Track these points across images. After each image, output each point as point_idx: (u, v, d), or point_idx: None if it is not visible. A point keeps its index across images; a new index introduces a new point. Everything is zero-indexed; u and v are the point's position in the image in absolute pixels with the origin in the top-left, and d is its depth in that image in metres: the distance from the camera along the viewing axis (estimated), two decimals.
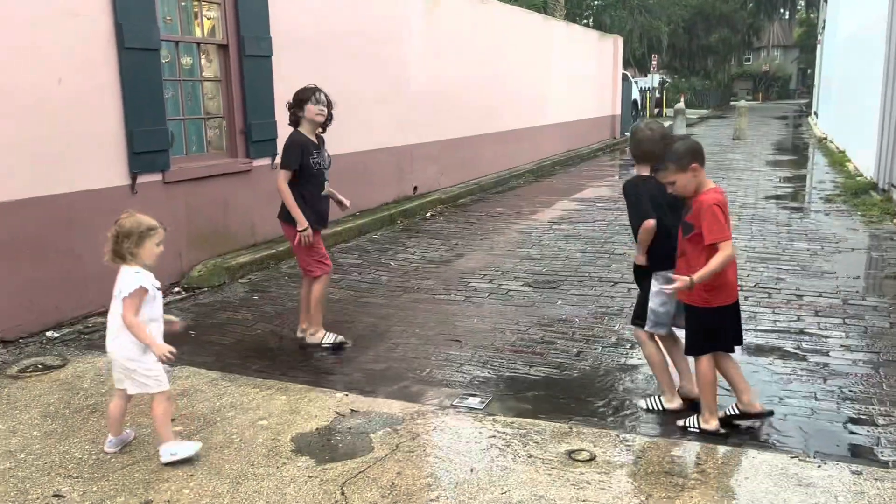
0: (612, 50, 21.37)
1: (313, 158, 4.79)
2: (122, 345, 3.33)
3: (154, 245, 3.37)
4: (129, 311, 3.25)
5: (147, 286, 3.30)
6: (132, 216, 3.36)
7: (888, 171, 10.30)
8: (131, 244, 3.30)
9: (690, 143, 3.56)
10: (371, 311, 5.75)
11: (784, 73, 58.85)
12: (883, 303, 5.62)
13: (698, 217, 3.41)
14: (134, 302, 3.26)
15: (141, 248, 3.32)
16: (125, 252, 3.29)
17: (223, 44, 6.96)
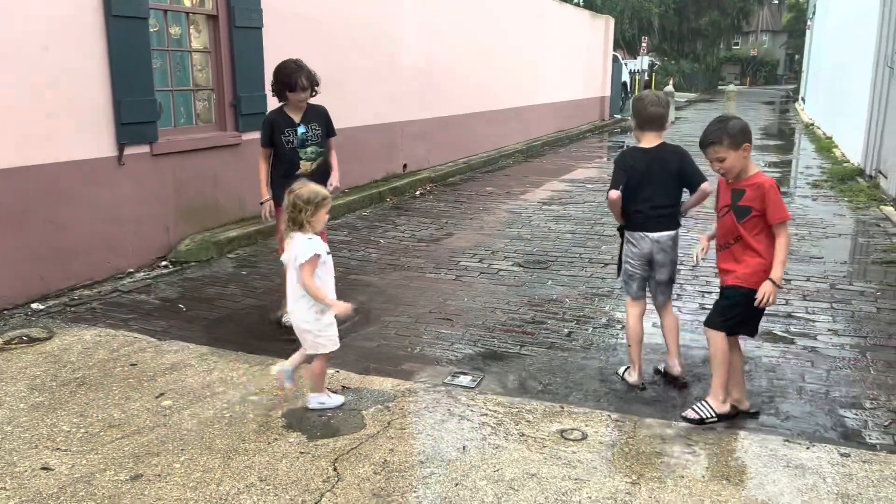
0: (603, 30, 21.26)
1: (285, 137, 4.71)
2: (300, 309, 3.53)
3: (325, 214, 3.55)
4: (307, 276, 3.44)
5: (320, 252, 3.48)
6: (306, 185, 3.54)
7: (875, 157, 10.37)
8: (308, 213, 3.46)
9: (743, 122, 3.50)
10: (361, 288, 5.72)
11: (772, 58, 58.94)
12: (870, 287, 5.67)
13: (760, 199, 3.37)
14: (310, 267, 3.44)
15: (315, 217, 3.49)
16: (303, 220, 3.45)
17: (213, 14, 6.83)
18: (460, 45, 11.93)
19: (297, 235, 3.49)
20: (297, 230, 3.49)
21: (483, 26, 12.84)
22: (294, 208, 3.46)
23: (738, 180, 3.49)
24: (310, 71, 4.69)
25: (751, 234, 3.43)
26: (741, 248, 3.47)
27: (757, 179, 3.45)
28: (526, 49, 15.27)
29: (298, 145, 4.75)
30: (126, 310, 5.18)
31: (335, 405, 3.67)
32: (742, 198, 3.44)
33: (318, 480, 3.03)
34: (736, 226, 3.46)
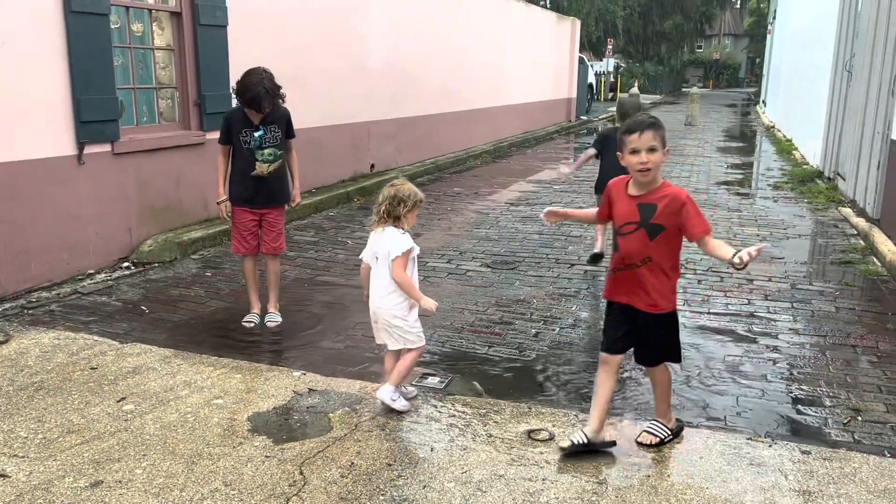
0: (570, 32, 21.43)
1: (242, 137, 4.67)
2: (391, 303, 3.53)
3: (415, 215, 3.61)
4: (400, 269, 3.46)
5: (414, 246, 3.52)
6: (406, 183, 3.58)
7: (833, 160, 10.61)
8: (406, 208, 3.51)
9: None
10: (328, 290, 5.68)
11: (734, 62, 60.01)
12: (829, 287, 5.79)
13: (676, 213, 3.04)
14: (404, 260, 3.47)
15: (411, 214, 3.55)
16: (401, 213, 3.50)
17: (176, 11, 6.72)
18: (428, 45, 11.91)
19: (391, 230, 3.51)
20: (390, 224, 3.51)
21: (451, 27, 12.84)
22: (394, 201, 3.49)
23: (647, 190, 3.11)
24: (274, 91, 4.59)
25: (662, 253, 3.10)
26: (650, 270, 3.11)
27: (669, 191, 3.08)
28: (494, 50, 15.31)
29: (256, 147, 4.69)
30: (86, 312, 5.07)
31: (402, 408, 3.60)
32: (654, 214, 3.06)
33: (284, 485, 2.99)
34: (648, 245, 3.09)
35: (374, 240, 3.59)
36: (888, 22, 7.83)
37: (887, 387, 4.00)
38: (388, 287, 3.53)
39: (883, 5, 8.16)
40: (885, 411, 3.72)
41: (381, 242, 3.53)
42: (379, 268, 3.55)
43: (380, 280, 3.56)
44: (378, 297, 3.58)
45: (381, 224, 3.54)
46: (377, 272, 3.57)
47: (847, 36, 10.48)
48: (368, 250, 3.62)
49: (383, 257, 3.52)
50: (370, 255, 3.60)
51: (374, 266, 3.58)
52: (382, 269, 3.53)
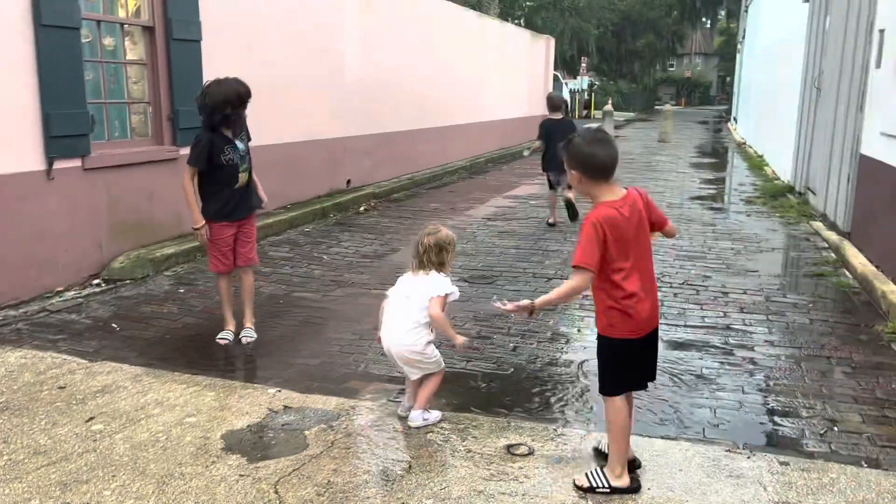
0: (544, 50, 21.64)
1: (225, 156, 4.57)
2: (413, 340, 3.54)
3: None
4: (438, 307, 3.50)
5: (455, 290, 3.59)
6: (442, 230, 3.65)
7: (804, 175, 10.78)
8: (448, 255, 3.62)
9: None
10: (304, 305, 5.61)
11: (705, 80, 61.02)
12: (802, 300, 5.85)
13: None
14: (444, 301, 3.53)
15: (452, 257, 3.67)
16: (445, 260, 3.60)
17: (149, 25, 6.66)
18: (404, 61, 11.94)
19: (435, 274, 3.56)
20: (433, 269, 3.56)
21: (427, 44, 12.90)
22: (437, 249, 3.56)
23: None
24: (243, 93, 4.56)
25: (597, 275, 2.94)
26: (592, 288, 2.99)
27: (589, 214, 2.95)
28: (469, 67, 15.40)
29: (239, 161, 4.63)
30: (55, 330, 4.95)
31: (435, 420, 3.65)
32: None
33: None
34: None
35: (409, 281, 3.61)
36: (855, 39, 8.01)
37: (862, 397, 4.03)
38: (412, 324, 3.54)
39: (850, 23, 8.35)
40: (861, 422, 3.74)
41: (420, 284, 3.55)
42: (408, 304, 3.56)
43: (406, 317, 3.55)
44: (398, 335, 3.56)
45: (424, 269, 3.58)
46: (403, 308, 3.57)
47: (815, 53, 10.70)
48: (398, 290, 3.63)
49: (417, 297, 3.54)
50: (401, 295, 3.61)
51: (401, 302, 3.59)
52: (413, 306, 3.54)
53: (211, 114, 4.51)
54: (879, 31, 6.89)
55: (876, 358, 4.62)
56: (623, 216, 2.91)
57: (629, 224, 2.93)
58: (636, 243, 2.96)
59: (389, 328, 3.61)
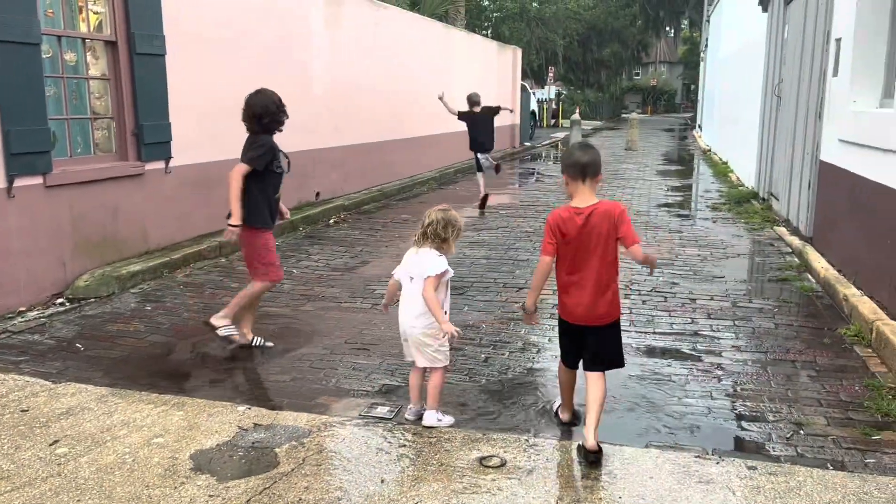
0: (511, 61, 21.80)
1: (278, 162, 4.85)
2: (425, 323, 3.62)
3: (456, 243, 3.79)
4: (430, 288, 3.55)
5: (449, 269, 3.64)
6: (452, 210, 3.74)
7: (767, 181, 10.99)
8: (453, 234, 3.67)
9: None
10: (274, 320, 5.56)
11: (670, 88, 61.96)
12: (768, 304, 5.95)
13: None
14: (437, 281, 3.58)
15: (455, 240, 3.73)
16: (448, 236, 3.65)
17: (111, 40, 6.58)
18: (372, 73, 11.95)
19: (429, 251, 3.64)
20: (431, 245, 3.65)
21: (394, 55, 12.92)
22: (444, 223, 3.64)
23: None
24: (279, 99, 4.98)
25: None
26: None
27: None
28: (438, 78, 15.43)
29: (285, 169, 4.93)
30: (16, 351, 4.84)
31: (448, 424, 3.74)
32: None
33: None
34: None
35: (410, 260, 3.71)
36: (813, 48, 8.20)
37: (826, 400, 4.10)
38: (422, 307, 3.61)
39: (808, 33, 8.55)
40: (826, 424, 3.81)
41: (418, 262, 3.65)
42: (414, 287, 3.66)
43: (414, 300, 3.65)
44: (412, 317, 3.68)
45: (423, 244, 3.67)
46: (412, 292, 3.67)
47: (775, 62, 10.93)
48: (403, 269, 3.74)
49: (418, 277, 3.63)
50: (404, 274, 3.73)
51: (409, 285, 3.70)
52: (418, 288, 3.63)
53: (260, 118, 4.75)
54: (836, 41, 7.07)
55: (839, 360, 4.71)
56: (576, 220, 3.38)
57: (582, 229, 3.38)
58: (585, 246, 3.40)
59: (405, 312, 3.72)
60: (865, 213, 5.96)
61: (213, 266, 7.16)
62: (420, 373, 3.84)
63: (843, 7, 6.87)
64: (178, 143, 7.30)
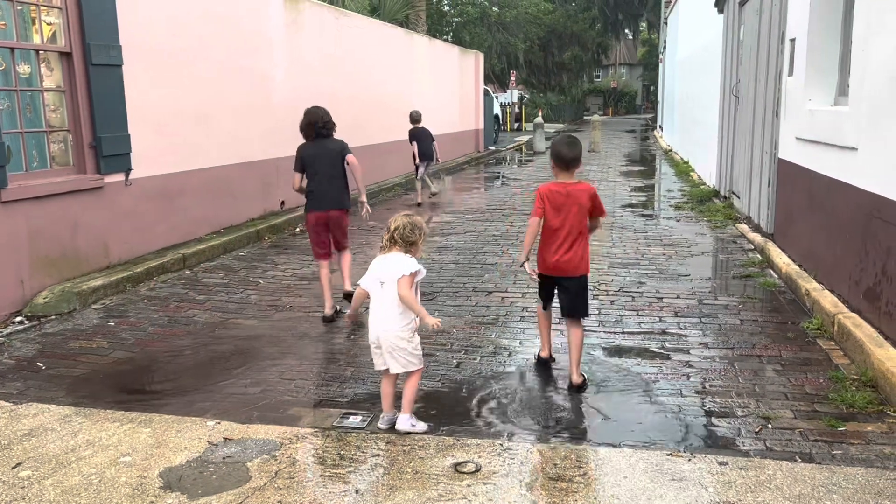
0: (474, 65, 21.88)
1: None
2: (399, 327, 3.68)
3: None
4: (407, 286, 3.63)
5: (421, 269, 3.72)
6: (416, 215, 3.87)
7: (728, 179, 11.19)
8: (420, 237, 3.79)
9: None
10: (242, 332, 5.48)
11: (631, 90, 62.78)
12: (733, 301, 6.04)
13: None
14: (411, 280, 3.66)
15: (422, 243, 3.86)
16: (416, 239, 3.77)
17: (66, 51, 6.44)
18: (335, 80, 11.89)
19: (397, 254, 3.73)
20: (399, 249, 3.74)
21: (356, 62, 12.88)
22: (411, 227, 3.75)
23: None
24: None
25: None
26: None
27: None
28: (401, 84, 15.44)
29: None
30: None
31: (422, 430, 3.76)
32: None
33: None
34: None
35: (378, 266, 3.75)
36: (768, 49, 8.37)
37: (792, 393, 4.18)
38: (395, 309, 3.67)
39: (763, 33, 8.73)
40: (793, 417, 3.87)
41: (388, 266, 3.70)
42: (385, 292, 3.69)
43: (386, 304, 3.69)
44: (384, 321, 3.70)
45: (390, 249, 3.75)
46: (384, 297, 3.70)
47: (732, 62, 11.14)
48: (371, 276, 3.76)
49: (390, 281, 3.67)
50: (373, 281, 3.75)
51: (380, 291, 3.72)
52: (390, 292, 3.67)
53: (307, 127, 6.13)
54: (790, 41, 7.23)
55: (803, 354, 4.81)
56: (561, 193, 4.27)
57: (565, 200, 4.26)
58: (566, 214, 4.26)
59: (377, 317, 3.74)
60: (823, 209, 6.09)
61: (177, 279, 7.04)
62: (392, 380, 3.85)
63: (797, 8, 7.03)
64: (138, 154, 7.17)
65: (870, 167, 5.01)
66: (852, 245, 5.30)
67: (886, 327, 4.60)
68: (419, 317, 3.68)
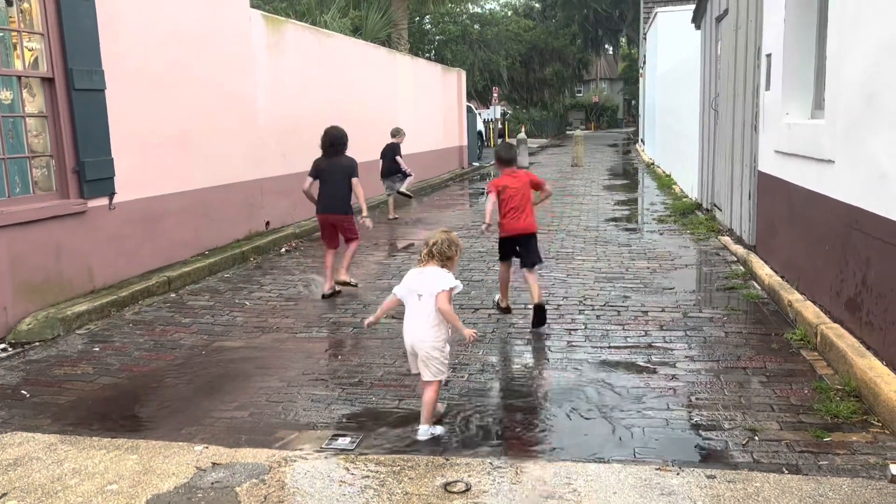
0: (456, 83, 22.03)
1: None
2: (434, 337, 3.92)
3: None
4: (446, 300, 3.89)
5: (458, 284, 3.97)
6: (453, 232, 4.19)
7: (709, 192, 11.31)
8: (457, 252, 4.07)
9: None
10: (228, 355, 5.46)
11: (612, 104, 63.33)
12: (717, 314, 6.10)
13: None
14: (449, 294, 3.91)
15: (458, 258, 4.13)
16: (453, 255, 4.03)
17: (49, 77, 6.43)
18: (318, 100, 11.94)
19: (434, 268, 3.96)
20: (436, 263, 3.97)
21: (340, 81, 12.94)
22: (449, 243, 4.01)
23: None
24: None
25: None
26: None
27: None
28: (383, 102, 15.51)
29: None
30: None
31: (441, 433, 3.97)
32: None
33: None
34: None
35: (417, 279, 3.97)
36: (745, 64, 8.51)
37: (778, 405, 4.22)
38: (432, 321, 3.91)
39: (739, 49, 8.87)
40: (779, 429, 3.91)
41: (427, 281, 3.93)
42: (423, 304, 3.92)
43: (423, 316, 3.92)
44: (420, 331, 3.93)
45: (427, 262, 3.99)
46: (421, 309, 3.93)
47: (710, 77, 11.30)
48: (407, 288, 3.98)
49: (428, 295, 3.90)
50: (410, 293, 3.97)
51: (417, 303, 3.94)
52: (426, 304, 3.91)
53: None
54: (766, 56, 7.36)
55: (788, 365, 4.86)
56: (509, 183, 6.02)
57: (514, 185, 6.00)
58: (517, 195, 5.97)
59: (413, 327, 3.96)
60: (803, 221, 6.18)
61: (162, 302, 7.01)
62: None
63: (772, 24, 7.17)
64: (122, 178, 7.15)
65: (847, 179, 5.10)
66: (833, 256, 5.37)
67: (868, 337, 4.66)
68: (457, 329, 3.91)
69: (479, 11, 37.19)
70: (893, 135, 4.34)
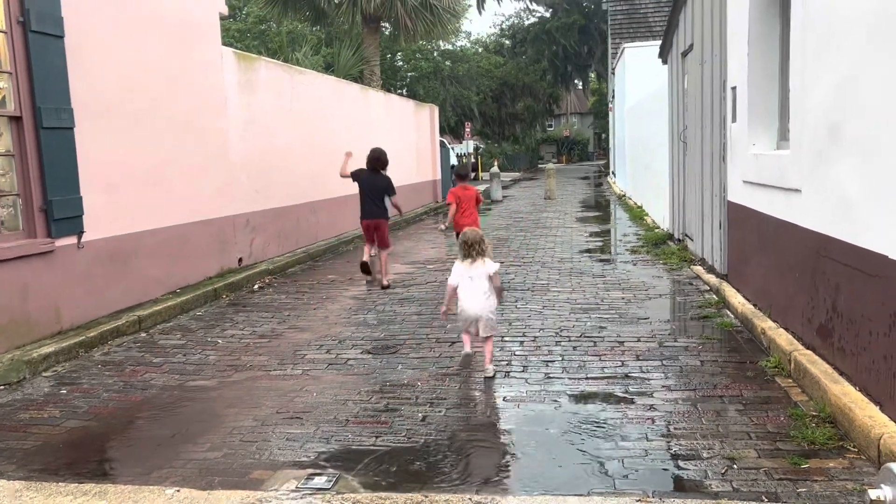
0: (429, 118, 22.23)
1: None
2: (491, 304, 5.43)
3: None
4: (498, 278, 5.48)
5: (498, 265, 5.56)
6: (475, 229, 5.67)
7: (681, 222, 11.46)
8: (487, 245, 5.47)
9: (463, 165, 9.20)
10: (200, 395, 5.35)
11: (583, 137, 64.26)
12: (692, 342, 6.13)
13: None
14: (500, 275, 5.56)
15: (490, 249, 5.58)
16: (485, 248, 5.43)
17: (16, 115, 6.36)
18: (291, 136, 11.95)
19: (480, 260, 5.39)
20: (480, 256, 5.40)
21: (313, 117, 12.98)
22: (480, 242, 5.41)
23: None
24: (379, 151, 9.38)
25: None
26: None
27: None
28: (357, 138, 15.54)
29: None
30: None
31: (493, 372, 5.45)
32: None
33: None
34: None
35: (466, 268, 5.42)
36: (712, 97, 8.70)
37: (755, 433, 4.22)
38: (487, 293, 5.40)
39: (706, 82, 9.08)
40: (757, 456, 3.91)
41: (478, 267, 5.38)
42: (476, 284, 5.38)
43: (480, 292, 5.38)
44: (479, 302, 5.38)
45: (470, 257, 5.40)
46: (475, 288, 5.38)
47: (678, 110, 11.53)
48: (459, 276, 5.43)
49: (478, 276, 5.37)
50: (463, 278, 5.41)
51: (470, 284, 5.38)
52: (480, 284, 5.38)
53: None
54: (732, 89, 7.53)
55: (763, 392, 4.88)
56: (461, 193, 8.77)
57: (465, 196, 8.75)
58: (467, 203, 8.72)
59: (474, 301, 5.37)
60: (773, 249, 6.27)
61: (132, 342, 6.87)
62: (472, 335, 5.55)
63: (735, 58, 7.35)
64: (91, 216, 7.06)
65: (814, 208, 5.20)
66: (803, 283, 5.45)
67: (840, 363, 4.71)
68: (500, 298, 5.55)
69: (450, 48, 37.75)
70: (857, 163, 4.44)
